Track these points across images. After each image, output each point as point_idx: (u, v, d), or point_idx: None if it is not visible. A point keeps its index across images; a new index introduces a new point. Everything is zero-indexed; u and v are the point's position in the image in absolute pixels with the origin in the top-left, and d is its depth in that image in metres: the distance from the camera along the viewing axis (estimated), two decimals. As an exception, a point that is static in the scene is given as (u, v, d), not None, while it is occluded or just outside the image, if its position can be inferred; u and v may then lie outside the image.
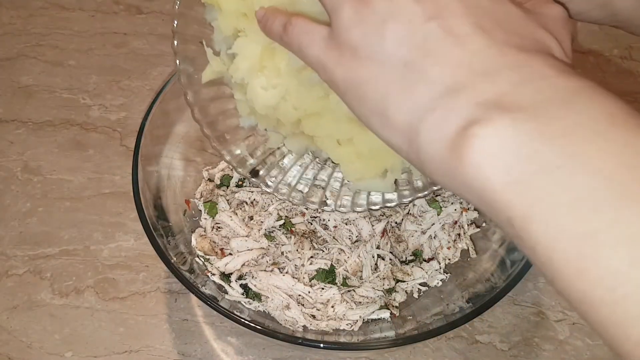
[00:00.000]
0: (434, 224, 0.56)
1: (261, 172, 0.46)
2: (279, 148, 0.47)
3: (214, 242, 0.54)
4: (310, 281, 0.52)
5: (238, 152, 0.45)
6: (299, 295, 0.51)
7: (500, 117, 0.23)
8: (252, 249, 0.53)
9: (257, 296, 0.51)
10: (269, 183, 0.46)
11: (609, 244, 0.20)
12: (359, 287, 0.52)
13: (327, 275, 0.52)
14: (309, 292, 0.51)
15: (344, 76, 0.29)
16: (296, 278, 0.52)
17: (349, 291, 0.52)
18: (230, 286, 0.51)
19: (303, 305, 0.51)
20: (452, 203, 0.56)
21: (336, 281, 0.52)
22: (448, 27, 0.26)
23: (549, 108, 0.23)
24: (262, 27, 0.35)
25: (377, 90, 0.28)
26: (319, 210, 0.48)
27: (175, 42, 0.42)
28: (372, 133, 0.30)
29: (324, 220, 0.55)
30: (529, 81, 0.24)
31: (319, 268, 0.53)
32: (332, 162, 0.47)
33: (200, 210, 0.56)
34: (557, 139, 0.22)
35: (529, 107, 0.23)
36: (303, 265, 0.53)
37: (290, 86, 0.37)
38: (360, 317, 0.50)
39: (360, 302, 0.52)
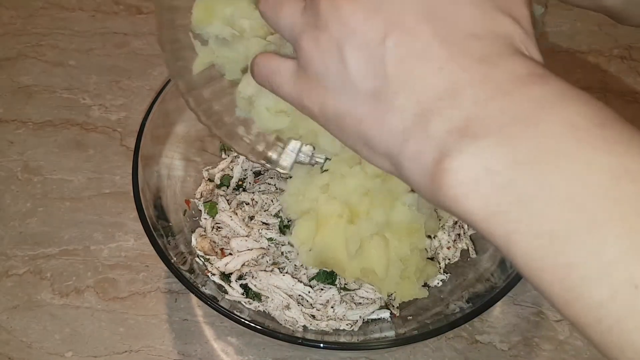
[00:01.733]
0: None
1: (273, 157, 0.46)
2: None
3: (214, 242, 0.54)
4: (310, 281, 0.52)
5: (248, 141, 0.45)
6: (299, 295, 0.51)
7: (470, 146, 0.23)
8: (252, 249, 0.53)
9: (257, 296, 0.51)
10: (284, 164, 0.46)
11: (588, 277, 0.21)
12: (359, 289, 0.52)
13: (327, 277, 0.52)
14: (309, 292, 0.51)
15: (320, 109, 0.29)
16: (296, 278, 0.52)
17: (348, 292, 0.52)
18: (230, 286, 0.51)
19: (303, 305, 0.51)
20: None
21: (336, 282, 0.52)
22: (404, 44, 0.26)
23: (515, 130, 0.23)
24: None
25: (353, 122, 0.28)
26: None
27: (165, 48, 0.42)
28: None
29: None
30: (492, 99, 0.24)
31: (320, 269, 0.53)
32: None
33: (200, 210, 0.56)
34: (528, 166, 0.22)
35: (496, 132, 0.23)
36: (303, 265, 0.53)
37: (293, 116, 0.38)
38: (360, 317, 0.50)
39: (360, 303, 0.51)
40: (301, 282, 0.52)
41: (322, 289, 0.52)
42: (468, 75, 0.25)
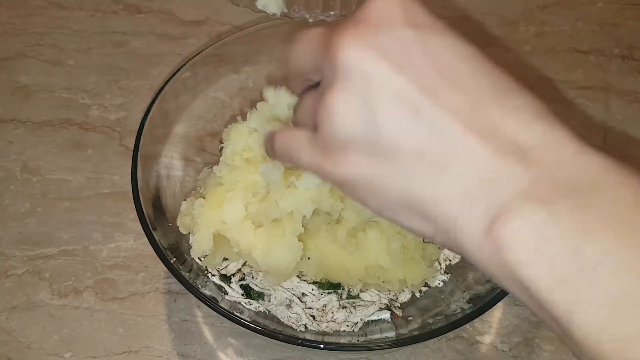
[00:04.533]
0: None
1: None
2: None
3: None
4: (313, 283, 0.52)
5: None
6: (302, 293, 0.51)
7: (538, 209, 0.23)
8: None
9: (260, 296, 0.51)
10: None
11: None
12: (363, 292, 0.52)
13: (331, 286, 0.52)
14: (312, 290, 0.51)
15: (347, 175, 0.28)
16: (298, 276, 0.52)
17: (352, 300, 0.52)
18: (230, 287, 0.51)
19: (305, 303, 0.51)
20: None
21: (338, 291, 0.52)
22: (445, 101, 0.25)
23: (583, 197, 0.23)
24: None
25: (394, 184, 0.26)
26: None
27: None
28: None
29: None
30: (559, 163, 0.24)
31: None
32: None
33: (200, 211, 0.56)
34: (596, 234, 0.22)
35: (564, 196, 0.23)
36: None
37: None
38: (360, 319, 0.50)
39: (360, 305, 0.51)
40: (305, 280, 0.51)
41: (320, 293, 0.51)
42: (527, 134, 0.24)
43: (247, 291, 0.51)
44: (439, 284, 0.53)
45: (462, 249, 0.26)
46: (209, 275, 0.51)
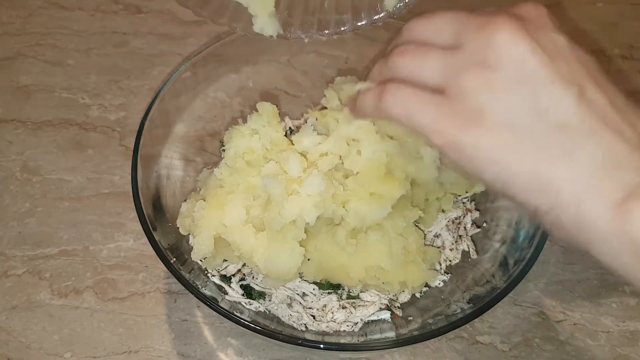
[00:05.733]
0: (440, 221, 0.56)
1: None
2: None
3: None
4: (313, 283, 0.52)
5: None
6: (303, 292, 0.51)
7: None
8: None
9: (261, 295, 0.51)
10: None
11: None
12: (363, 292, 0.52)
13: (331, 287, 0.52)
14: (313, 290, 0.51)
15: (473, 143, 0.29)
16: (299, 277, 0.52)
17: (352, 300, 0.52)
18: (230, 287, 0.51)
19: (306, 302, 0.51)
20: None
21: (338, 291, 0.52)
22: (588, 98, 0.29)
23: None
24: (356, 113, 0.38)
25: (525, 157, 0.29)
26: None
27: None
28: None
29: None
30: None
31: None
32: None
33: (200, 211, 0.56)
34: None
35: None
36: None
37: None
38: (360, 319, 0.50)
39: (360, 305, 0.51)
40: (305, 280, 0.51)
41: (321, 293, 0.51)
42: None
43: (248, 291, 0.51)
44: (439, 284, 0.53)
45: (582, 223, 0.28)
46: (209, 275, 0.51)
